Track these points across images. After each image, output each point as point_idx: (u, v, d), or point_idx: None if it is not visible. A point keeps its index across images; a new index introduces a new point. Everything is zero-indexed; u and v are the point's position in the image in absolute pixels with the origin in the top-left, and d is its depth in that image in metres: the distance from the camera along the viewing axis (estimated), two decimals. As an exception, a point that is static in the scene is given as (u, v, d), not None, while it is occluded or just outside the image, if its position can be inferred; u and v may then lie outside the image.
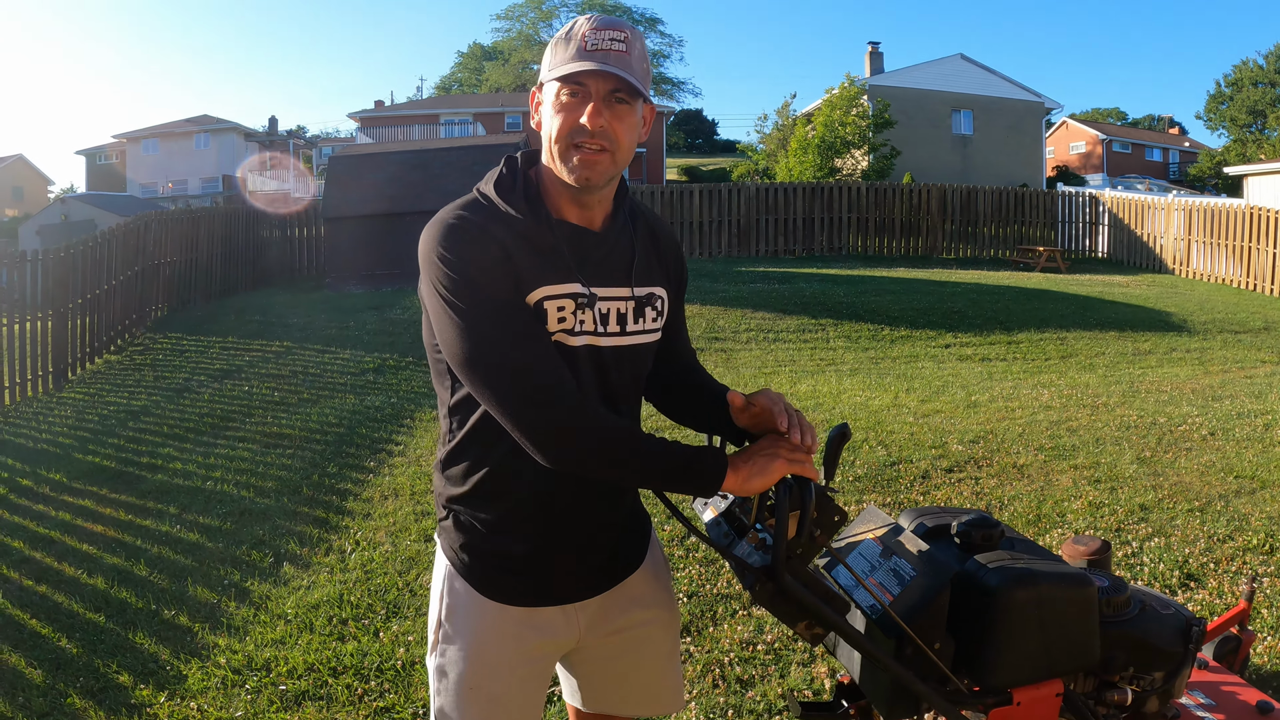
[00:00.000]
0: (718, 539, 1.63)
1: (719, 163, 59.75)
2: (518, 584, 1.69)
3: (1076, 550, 2.33)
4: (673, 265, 1.82)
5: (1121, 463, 5.90)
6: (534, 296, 1.56)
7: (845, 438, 1.61)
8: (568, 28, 1.58)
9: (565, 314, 1.59)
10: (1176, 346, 10.97)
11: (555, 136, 1.58)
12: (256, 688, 3.45)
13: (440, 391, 1.71)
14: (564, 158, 1.58)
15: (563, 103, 1.56)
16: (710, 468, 1.51)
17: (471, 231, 1.55)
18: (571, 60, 1.55)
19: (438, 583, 1.76)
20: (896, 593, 1.68)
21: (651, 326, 1.73)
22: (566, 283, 1.59)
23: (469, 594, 1.70)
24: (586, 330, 1.62)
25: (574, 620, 1.75)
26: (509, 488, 1.65)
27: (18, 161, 55.81)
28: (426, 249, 1.57)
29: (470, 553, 1.69)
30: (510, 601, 1.69)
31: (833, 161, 31.36)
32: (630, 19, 71.42)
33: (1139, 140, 58.55)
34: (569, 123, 1.56)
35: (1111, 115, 74.83)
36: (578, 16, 1.59)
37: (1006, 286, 15.24)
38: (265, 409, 8.19)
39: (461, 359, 1.53)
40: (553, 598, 1.72)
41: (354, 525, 5.16)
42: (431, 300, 1.57)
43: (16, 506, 5.79)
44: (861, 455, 6.10)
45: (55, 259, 10.50)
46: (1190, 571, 4.24)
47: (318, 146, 56.09)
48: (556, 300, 1.58)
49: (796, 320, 12.21)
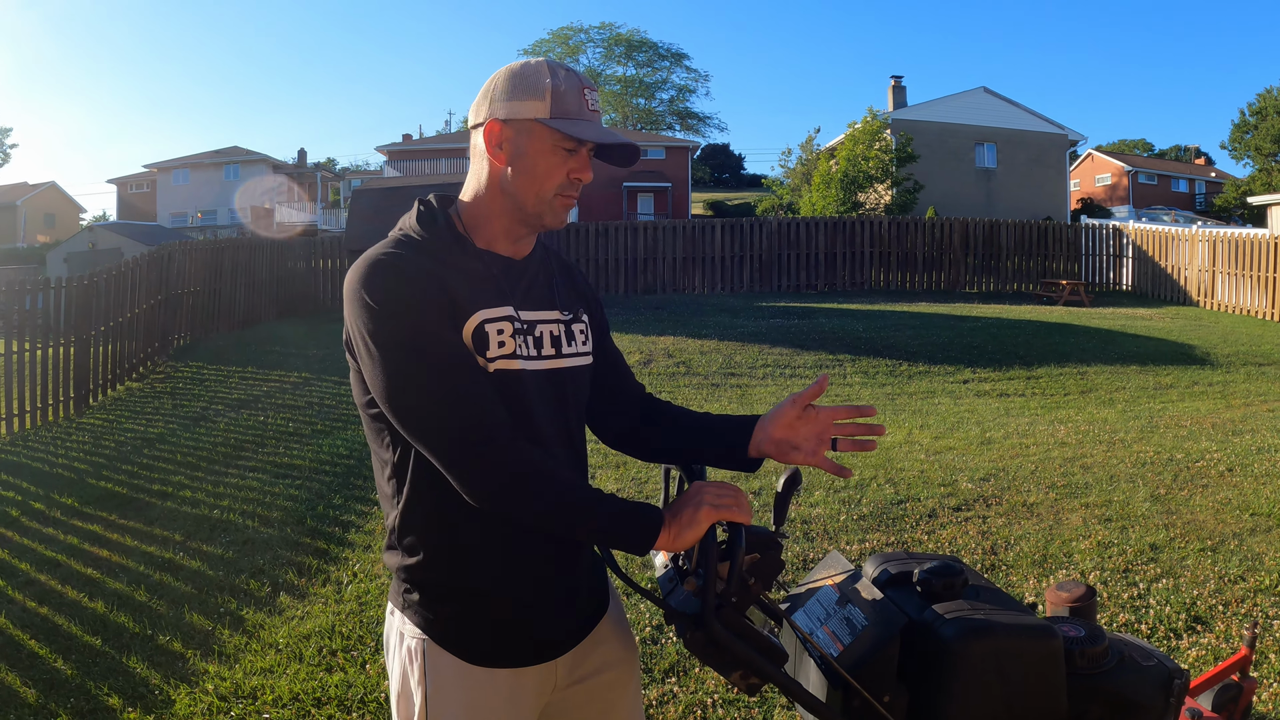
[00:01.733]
0: (663, 584, 1.60)
1: (744, 197, 59.93)
2: (507, 645, 1.63)
3: (1059, 597, 2.28)
4: (589, 295, 1.85)
5: (1134, 500, 5.80)
6: (473, 321, 1.56)
7: (795, 484, 1.58)
8: (546, 71, 1.60)
9: (504, 337, 1.58)
10: (1199, 380, 10.82)
11: (551, 185, 1.62)
12: (241, 715, 3.45)
13: (381, 454, 1.63)
14: (551, 204, 1.63)
15: (558, 155, 1.60)
16: (641, 527, 1.49)
17: (399, 265, 1.53)
18: (578, 117, 1.60)
19: (410, 667, 1.62)
20: (848, 642, 1.65)
21: (583, 349, 1.74)
22: (501, 305, 1.60)
23: (457, 667, 1.61)
24: (529, 354, 1.62)
25: (553, 674, 1.70)
26: (486, 545, 1.60)
27: (50, 189, 56.80)
28: (352, 289, 1.54)
29: (454, 622, 1.61)
30: (500, 664, 1.62)
31: (856, 196, 31.36)
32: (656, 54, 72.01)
33: (1164, 171, 58.22)
34: (560, 176, 1.62)
35: (1138, 146, 74.50)
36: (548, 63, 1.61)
37: (1028, 321, 15.12)
38: (278, 439, 8.22)
39: (392, 399, 1.50)
40: (542, 653, 1.66)
41: (354, 557, 5.16)
42: (360, 343, 1.53)
43: (27, 529, 5.86)
44: (869, 493, 6.03)
45: (79, 287, 10.65)
46: (1198, 614, 4.15)
47: (346, 179, 56.70)
48: (495, 323, 1.57)
49: (814, 356, 12.16)
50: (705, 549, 1.46)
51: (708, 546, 1.46)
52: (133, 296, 11.93)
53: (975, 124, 36.58)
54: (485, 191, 1.65)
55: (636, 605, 4.25)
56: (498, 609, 1.62)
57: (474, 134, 1.67)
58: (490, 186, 1.65)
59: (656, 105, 73.27)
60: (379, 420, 1.59)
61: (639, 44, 71.56)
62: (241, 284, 16.74)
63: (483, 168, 1.65)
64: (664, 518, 1.51)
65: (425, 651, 1.61)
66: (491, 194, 1.65)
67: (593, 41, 71.48)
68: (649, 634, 3.99)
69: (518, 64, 1.63)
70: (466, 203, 1.68)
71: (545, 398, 1.64)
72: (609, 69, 72.66)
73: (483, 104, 1.63)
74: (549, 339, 1.67)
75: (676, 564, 1.61)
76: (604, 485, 6.29)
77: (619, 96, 71.86)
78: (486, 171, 1.64)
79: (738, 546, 1.46)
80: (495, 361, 1.57)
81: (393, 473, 1.61)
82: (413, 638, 1.62)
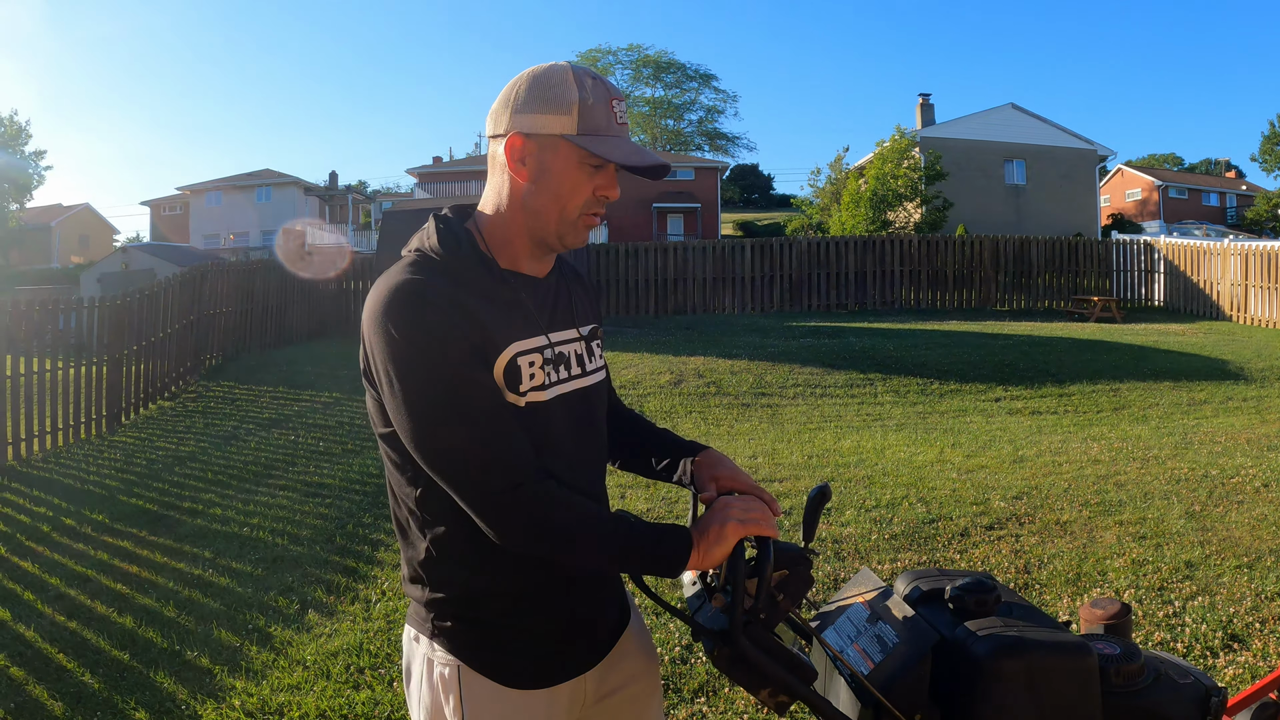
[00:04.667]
0: (691, 602, 1.59)
1: (774, 217, 59.90)
2: (541, 666, 1.60)
3: (1094, 614, 2.23)
4: (597, 302, 1.83)
5: (1169, 518, 5.71)
6: (507, 354, 1.50)
7: (825, 498, 1.56)
8: (573, 81, 1.53)
9: (535, 369, 1.54)
10: (1233, 395, 10.66)
11: (576, 203, 1.55)
12: (269, 737, 3.44)
13: (403, 486, 1.57)
14: (575, 223, 1.57)
15: (584, 171, 1.54)
16: (671, 550, 1.46)
17: (424, 294, 1.45)
18: (607, 133, 1.53)
19: (444, 694, 1.57)
20: (879, 660, 1.61)
21: (600, 363, 1.72)
22: (534, 336, 1.56)
23: (493, 691, 1.57)
24: (554, 380, 1.58)
25: (583, 689, 1.67)
26: (516, 567, 1.55)
27: (84, 211, 57.71)
28: (374, 317, 1.47)
29: (489, 648, 1.57)
30: (536, 685, 1.59)
31: (885, 214, 31.26)
32: (684, 75, 72.26)
33: (1195, 185, 57.65)
34: (589, 192, 1.55)
35: (1167, 160, 73.94)
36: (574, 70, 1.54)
37: (1059, 338, 14.97)
38: (309, 458, 8.27)
39: (417, 438, 1.44)
40: (573, 669, 1.64)
41: (382, 575, 5.16)
42: (382, 375, 1.47)
43: (58, 544, 5.93)
44: (900, 512, 5.97)
45: (113, 306, 10.78)
46: (1234, 632, 4.06)
47: (376, 201, 57.24)
48: (528, 355, 1.53)
49: (845, 375, 12.07)
50: (733, 565, 1.44)
51: (735, 563, 1.44)
52: (165, 316, 12.07)
53: (1004, 140, 36.42)
54: (506, 208, 1.59)
55: (666, 624, 4.22)
56: (532, 634, 1.59)
57: (493, 144, 1.59)
58: (512, 203, 1.58)
59: (685, 126, 73.54)
60: (401, 453, 1.53)
61: (667, 65, 71.88)
62: (273, 305, 16.90)
63: (503, 182, 1.58)
64: (693, 538, 1.48)
65: (460, 678, 1.56)
66: (513, 211, 1.58)
67: (621, 63, 71.85)
68: (679, 653, 3.96)
69: (542, 68, 1.55)
70: (488, 217, 1.61)
71: (575, 418, 1.62)
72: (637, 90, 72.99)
73: (503, 113, 1.55)
74: (574, 359, 1.64)
75: (705, 581, 1.59)
76: (634, 505, 6.27)
77: (648, 118, 72.15)
78: (508, 187, 1.57)
79: (766, 562, 1.44)
80: (528, 395, 1.52)
81: (416, 506, 1.55)
82: (444, 664, 1.57)
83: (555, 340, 1.60)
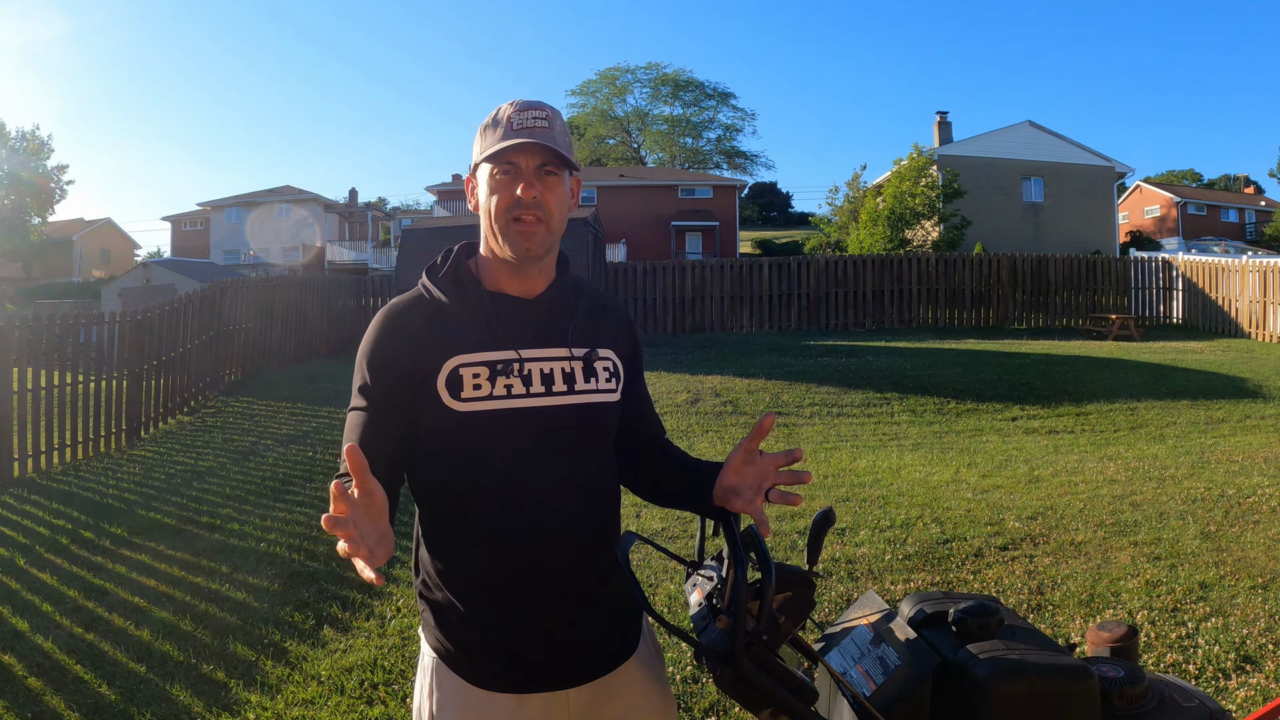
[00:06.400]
0: (697, 622, 1.61)
1: (792, 235, 59.88)
2: (508, 670, 1.67)
3: (1100, 637, 2.24)
4: (622, 335, 1.85)
5: (1184, 538, 5.68)
6: (449, 365, 1.64)
7: (829, 522, 1.58)
8: (493, 114, 1.69)
9: (480, 380, 1.64)
10: (1251, 414, 10.58)
11: (495, 213, 1.67)
12: (283, 753, 3.47)
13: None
14: (504, 233, 1.67)
15: (497, 181, 1.66)
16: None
17: (388, 318, 1.70)
18: (500, 141, 1.65)
19: (424, 682, 1.74)
20: (880, 682, 1.63)
21: (606, 386, 1.75)
22: (482, 351, 1.66)
23: (460, 687, 1.68)
24: (516, 393, 1.65)
25: (564, 706, 1.70)
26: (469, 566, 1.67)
27: (105, 225, 58.22)
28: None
29: (453, 640, 1.68)
30: (498, 688, 1.66)
31: (903, 233, 31.20)
32: (702, 93, 72.49)
33: (1214, 201, 57.31)
34: (506, 198, 1.66)
35: (1186, 176, 73.56)
36: (501, 104, 1.70)
37: (1077, 356, 14.91)
38: (326, 474, 8.31)
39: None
40: (547, 683, 1.68)
41: (398, 592, 5.19)
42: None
43: (76, 557, 5.98)
44: (914, 533, 5.97)
45: (133, 321, 10.89)
46: (1247, 653, 4.05)
47: (396, 218, 57.62)
48: (471, 368, 1.64)
49: (861, 394, 12.05)
50: (736, 586, 1.46)
51: (739, 584, 1.46)
52: (185, 332, 12.18)
53: (1022, 158, 36.32)
54: (481, 237, 1.76)
55: (677, 644, 4.23)
56: (498, 634, 1.66)
57: None
58: (483, 232, 1.74)
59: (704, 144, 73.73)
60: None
61: (685, 84, 72.15)
62: (292, 320, 17.02)
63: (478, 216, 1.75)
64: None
65: (435, 669, 1.71)
66: (485, 238, 1.74)
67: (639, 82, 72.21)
68: (690, 673, 3.97)
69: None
70: (479, 247, 1.80)
71: (541, 434, 1.67)
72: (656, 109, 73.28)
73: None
74: (560, 375, 1.69)
75: (710, 602, 1.61)
76: (648, 525, 6.29)
77: (666, 136, 72.39)
78: (479, 219, 1.75)
79: (769, 584, 1.46)
80: (468, 403, 1.63)
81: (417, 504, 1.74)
82: (427, 654, 1.74)
83: (528, 354, 1.67)
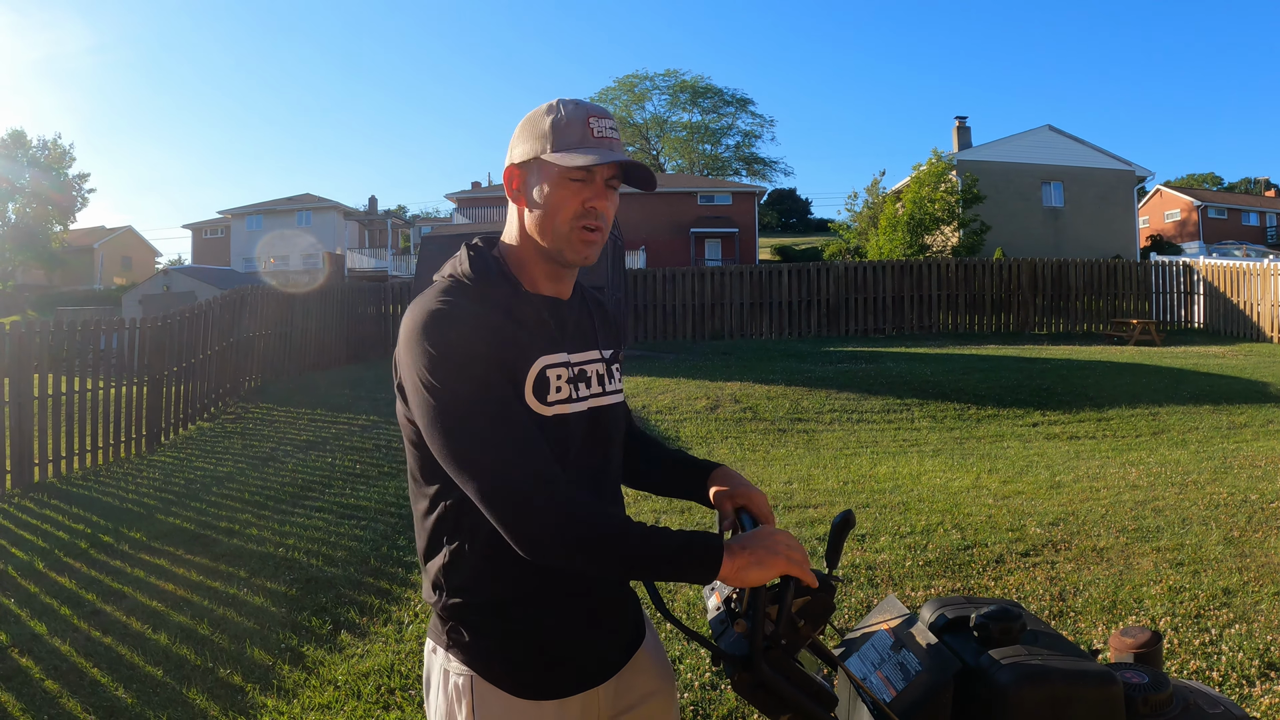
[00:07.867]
0: (715, 627, 1.59)
1: (812, 241, 59.82)
2: (553, 677, 1.63)
3: (1123, 643, 2.20)
4: (619, 329, 1.91)
5: (1207, 544, 5.61)
6: (536, 367, 1.58)
7: (849, 526, 1.56)
8: (555, 112, 1.62)
9: (561, 382, 1.61)
10: (1274, 418, 10.45)
11: (562, 218, 1.61)
12: (300, 758, 3.47)
13: (428, 493, 1.64)
14: (567, 238, 1.62)
15: (569, 186, 1.61)
16: (702, 556, 1.46)
17: (457, 315, 1.54)
18: (580, 146, 1.59)
19: (458, 704, 1.62)
20: (901, 687, 1.61)
21: (619, 386, 1.79)
22: (557, 351, 1.63)
23: (504, 701, 1.60)
24: (581, 395, 1.66)
25: (596, 701, 1.69)
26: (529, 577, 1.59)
27: (127, 233, 58.77)
28: (411, 335, 1.55)
29: (493, 654, 1.61)
30: (546, 696, 1.62)
31: (922, 238, 31.11)
32: (721, 100, 72.55)
33: (1234, 205, 56.92)
34: (576, 205, 1.61)
35: (1206, 180, 73.10)
36: (560, 100, 1.64)
37: (1098, 361, 14.80)
38: (345, 480, 8.33)
39: (449, 451, 1.50)
40: (585, 682, 1.66)
41: (415, 597, 5.19)
42: (416, 390, 1.54)
43: (95, 561, 6.02)
44: (935, 539, 5.92)
45: (154, 328, 10.95)
46: (1271, 660, 3.98)
47: (415, 226, 57.87)
48: (555, 369, 1.61)
49: (881, 400, 11.98)
50: (755, 590, 1.44)
51: (758, 589, 1.44)
52: (205, 338, 12.25)
53: (1041, 163, 36.18)
54: (518, 234, 1.69)
55: (696, 649, 4.20)
56: (544, 644, 1.62)
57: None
58: (520, 229, 1.68)
59: (723, 151, 73.79)
60: (427, 462, 1.60)
61: (704, 90, 72.19)
62: (312, 328, 17.09)
63: (513, 212, 1.70)
64: (725, 547, 1.48)
65: (473, 688, 1.61)
66: (522, 236, 1.68)
67: (658, 89, 72.29)
68: (709, 679, 3.94)
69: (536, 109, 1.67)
70: (508, 245, 1.71)
71: (590, 436, 1.67)
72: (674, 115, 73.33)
73: (508, 152, 1.69)
74: (595, 378, 1.71)
75: (729, 606, 1.59)
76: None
77: (685, 142, 72.43)
78: (515, 215, 1.69)
79: (787, 589, 1.44)
80: (554, 406, 1.59)
81: (444, 514, 1.61)
82: (459, 674, 1.62)
83: (576, 359, 1.67)
